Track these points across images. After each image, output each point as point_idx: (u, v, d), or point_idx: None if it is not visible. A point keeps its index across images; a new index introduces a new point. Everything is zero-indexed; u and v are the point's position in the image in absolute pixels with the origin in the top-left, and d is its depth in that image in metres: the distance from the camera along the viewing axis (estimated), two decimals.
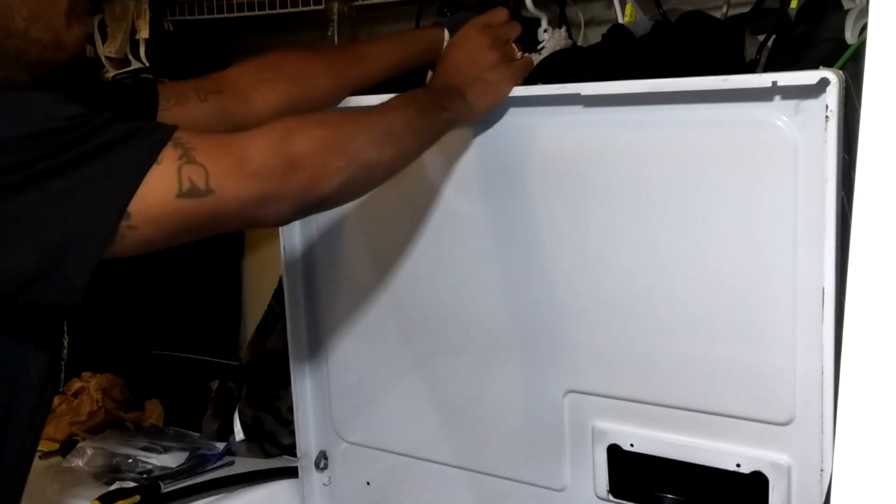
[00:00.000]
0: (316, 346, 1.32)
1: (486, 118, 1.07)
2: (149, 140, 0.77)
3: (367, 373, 1.27)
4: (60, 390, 1.71)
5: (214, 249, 1.78)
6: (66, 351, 1.00)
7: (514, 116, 1.06)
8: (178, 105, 1.06)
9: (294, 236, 1.30)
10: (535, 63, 1.17)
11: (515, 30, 1.13)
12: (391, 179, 0.97)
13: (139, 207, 0.75)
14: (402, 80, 1.21)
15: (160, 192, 0.76)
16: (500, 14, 1.13)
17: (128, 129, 0.77)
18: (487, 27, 1.10)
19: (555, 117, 1.03)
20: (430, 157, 1.05)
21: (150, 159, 0.76)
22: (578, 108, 1.01)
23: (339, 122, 0.91)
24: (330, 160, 0.86)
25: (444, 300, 1.17)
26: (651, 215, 0.99)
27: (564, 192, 1.04)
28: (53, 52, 0.88)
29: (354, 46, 1.21)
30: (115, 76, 1.61)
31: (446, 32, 1.21)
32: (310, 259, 1.30)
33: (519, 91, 1.06)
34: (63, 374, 0.97)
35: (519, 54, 1.10)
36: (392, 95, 0.99)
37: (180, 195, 0.77)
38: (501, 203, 1.09)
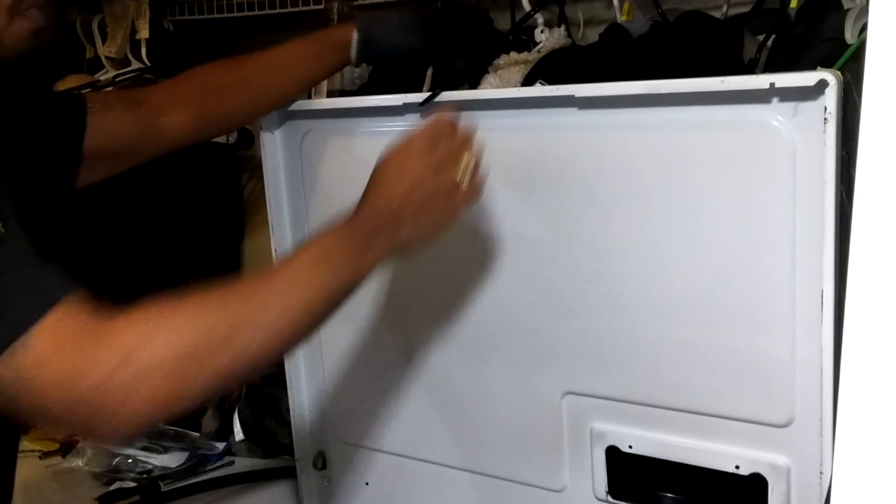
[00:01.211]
0: (312, 347, 1.32)
1: (481, 118, 1.06)
2: (10, 319, 0.69)
3: (364, 373, 1.27)
4: None
5: (214, 248, 1.78)
6: None
7: (508, 118, 1.05)
8: (102, 111, 1.02)
9: (286, 237, 1.29)
10: (533, 63, 1.16)
11: (466, 141, 0.90)
12: None
13: None
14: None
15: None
16: (443, 124, 0.90)
17: (10, 282, 0.70)
18: (429, 144, 0.88)
19: (550, 119, 1.03)
20: None
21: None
22: (573, 110, 1.00)
23: (219, 312, 0.76)
24: (192, 374, 0.73)
25: (441, 301, 1.16)
26: (649, 218, 0.98)
27: (561, 194, 1.04)
28: None
29: (267, 53, 1.13)
30: (115, 77, 1.61)
31: (356, 33, 1.15)
32: None
33: (513, 93, 1.05)
34: None
35: (466, 178, 0.89)
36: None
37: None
38: (497, 204, 1.08)
